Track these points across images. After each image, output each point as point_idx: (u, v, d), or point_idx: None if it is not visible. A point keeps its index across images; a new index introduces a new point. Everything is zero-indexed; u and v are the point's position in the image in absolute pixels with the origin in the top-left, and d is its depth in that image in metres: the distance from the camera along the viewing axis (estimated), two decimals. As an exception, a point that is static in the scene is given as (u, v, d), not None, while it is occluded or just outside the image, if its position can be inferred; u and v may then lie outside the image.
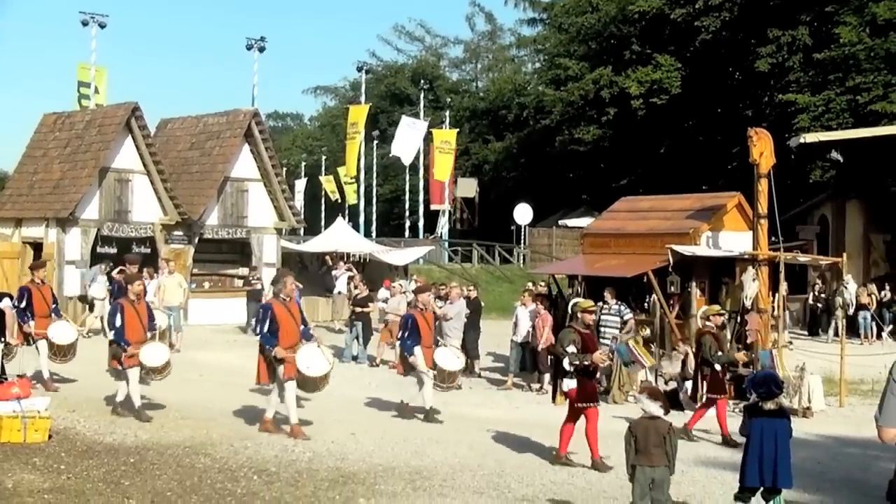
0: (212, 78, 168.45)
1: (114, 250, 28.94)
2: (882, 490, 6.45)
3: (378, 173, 73.41)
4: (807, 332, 30.22)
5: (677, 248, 19.05)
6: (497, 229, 59.71)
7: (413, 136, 54.45)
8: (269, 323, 13.35)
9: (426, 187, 60.45)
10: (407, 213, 66.46)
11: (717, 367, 14.63)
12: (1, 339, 15.60)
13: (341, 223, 39.04)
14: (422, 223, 60.14)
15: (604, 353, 13.35)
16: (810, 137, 32.61)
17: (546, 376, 19.50)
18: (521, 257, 53.56)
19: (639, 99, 50.33)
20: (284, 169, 56.16)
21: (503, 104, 70.77)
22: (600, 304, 19.76)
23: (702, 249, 19.56)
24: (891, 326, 30.82)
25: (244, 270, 31.78)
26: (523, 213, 55.49)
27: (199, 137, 33.30)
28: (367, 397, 17.59)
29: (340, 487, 10.92)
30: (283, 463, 12.04)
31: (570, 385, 12.44)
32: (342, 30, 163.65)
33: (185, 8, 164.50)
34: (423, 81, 69.88)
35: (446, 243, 55.49)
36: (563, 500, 10.86)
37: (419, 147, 55.80)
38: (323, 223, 68.87)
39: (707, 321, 15.00)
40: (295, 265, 34.20)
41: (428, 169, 58.52)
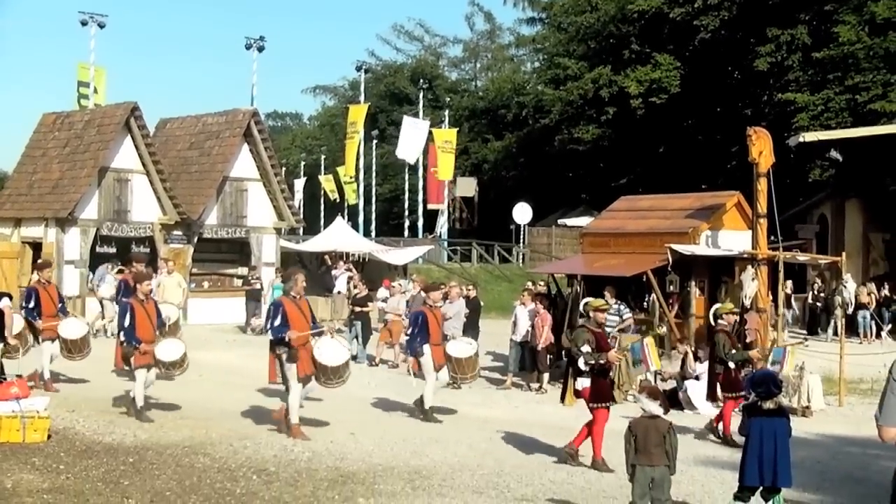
0: (211, 77, 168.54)
1: (113, 250, 28.97)
2: (882, 489, 6.44)
3: (377, 173, 73.37)
4: (806, 332, 30.21)
5: (676, 247, 19.05)
6: (496, 229, 59.70)
7: (416, 136, 54.51)
8: (281, 320, 13.39)
9: (425, 187, 60.44)
10: (406, 213, 66.41)
11: (732, 365, 14.47)
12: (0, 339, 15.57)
13: (340, 223, 39.03)
14: (421, 223, 60.11)
15: (619, 351, 13.25)
16: (809, 136, 32.62)
17: (545, 376, 19.52)
18: (521, 257, 53.55)
19: (638, 98, 50.31)
20: (283, 168, 56.16)
21: (502, 103, 70.73)
22: (600, 303, 19.80)
23: (701, 249, 19.55)
24: (890, 325, 30.81)
25: (243, 270, 31.76)
26: (522, 213, 55.48)
27: (199, 137, 33.30)
28: (365, 397, 17.58)
29: (340, 487, 10.91)
30: (282, 463, 12.03)
31: (584, 384, 12.34)
32: (341, 29, 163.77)
33: (184, 7, 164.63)
34: (422, 81, 69.82)
35: (445, 243, 55.48)
36: (562, 500, 10.85)
37: (422, 147, 55.81)
38: (322, 223, 68.77)
39: (720, 319, 14.86)
40: (294, 265, 34.16)
41: (427, 168, 58.48)
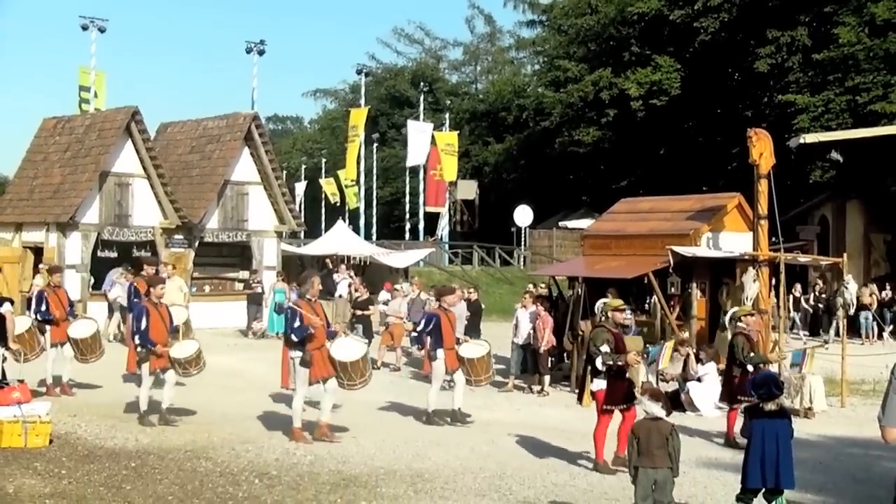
0: (211, 81, 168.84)
1: (114, 254, 28.97)
2: (885, 489, 6.44)
3: (378, 176, 73.39)
4: (808, 333, 30.21)
5: (678, 249, 19.03)
6: (497, 231, 59.70)
7: (422, 140, 54.60)
8: (300, 321, 13.39)
9: (425, 190, 60.46)
10: (407, 216, 66.43)
11: (750, 368, 14.15)
12: (1, 344, 15.56)
13: (341, 226, 39.02)
14: (422, 225, 60.11)
15: (637, 353, 13.16)
16: (810, 138, 32.59)
17: (547, 378, 19.51)
18: (522, 259, 53.53)
19: (638, 100, 50.31)
20: (284, 172, 56.13)
21: (503, 106, 70.75)
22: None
23: (702, 250, 19.54)
24: (892, 326, 30.81)
25: (244, 274, 31.74)
26: (523, 215, 55.47)
27: (199, 141, 33.28)
28: (366, 400, 17.55)
29: (342, 491, 10.91)
30: (284, 466, 12.03)
31: (599, 385, 12.23)
32: (341, 33, 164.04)
33: (185, 11, 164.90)
34: (422, 84, 69.87)
35: (446, 245, 55.48)
36: (565, 503, 10.84)
37: (428, 150, 55.82)
38: (323, 226, 68.84)
39: (739, 322, 14.68)
40: (295, 268, 34.15)
41: (427, 171, 58.49)
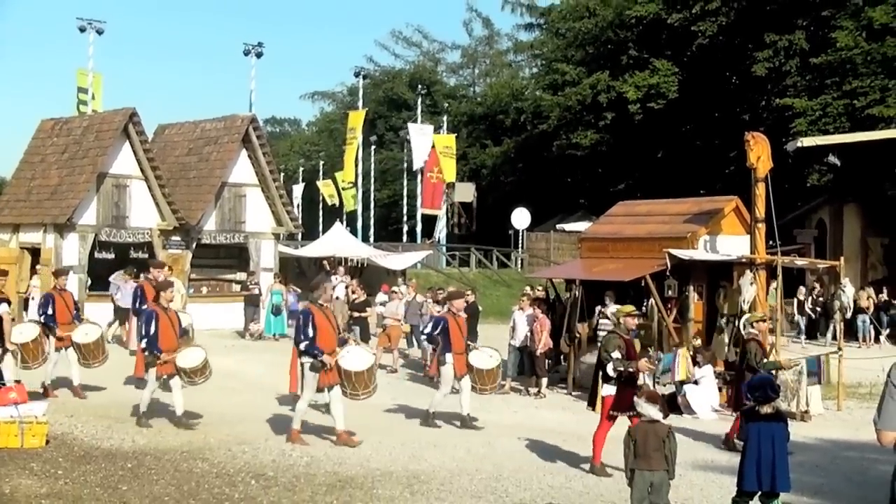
0: (209, 83, 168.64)
1: (111, 256, 28.96)
2: (881, 492, 6.43)
3: (376, 178, 73.41)
4: (805, 336, 30.22)
5: (675, 252, 19.02)
6: (495, 234, 59.72)
7: (425, 142, 54.62)
8: (312, 330, 13.21)
9: (423, 192, 60.46)
10: (405, 218, 66.40)
11: (762, 373, 13.92)
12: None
13: (339, 228, 39.01)
14: (419, 228, 60.10)
15: (649, 359, 13.08)
16: (807, 141, 32.66)
17: (544, 380, 19.51)
18: (519, 262, 53.59)
19: (636, 104, 50.40)
20: (282, 174, 56.20)
21: (501, 109, 70.81)
22: (598, 308, 19.80)
23: (699, 253, 19.53)
24: (888, 330, 30.83)
25: (242, 275, 31.73)
26: (521, 218, 55.48)
27: (197, 143, 33.28)
28: (363, 402, 17.52)
29: (338, 492, 10.91)
30: (280, 468, 12.03)
31: (609, 391, 12.12)
32: (340, 35, 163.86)
33: (183, 14, 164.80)
34: (420, 87, 69.89)
35: (444, 248, 55.49)
36: (561, 505, 10.85)
37: (428, 151, 55.79)
38: (321, 228, 68.79)
39: (751, 328, 14.62)
40: (293, 270, 34.20)
41: (424, 173, 58.47)
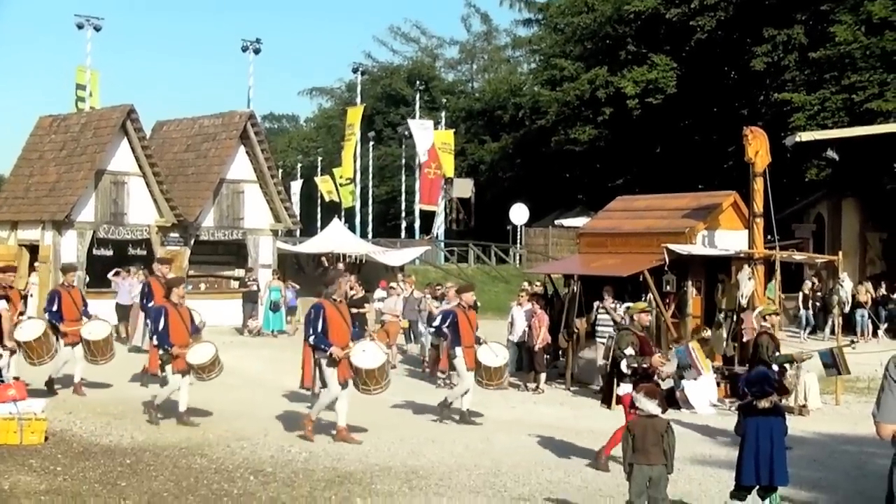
0: (207, 80, 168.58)
1: (110, 252, 28.95)
2: (879, 486, 6.45)
3: (374, 174, 73.33)
4: (808, 330, 30.23)
5: (673, 247, 19.04)
6: (493, 229, 59.68)
7: (426, 137, 54.59)
8: (322, 324, 13.23)
9: (420, 188, 60.45)
10: (403, 214, 66.36)
11: (775, 368, 13.82)
12: None
13: (337, 224, 38.96)
14: (418, 224, 60.05)
15: (663, 355, 12.93)
16: (806, 136, 32.68)
17: (542, 376, 19.54)
18: (518, 257, 53.61)
19: (634, 99, 50.36)
20: (280, 170, 56.04)
21: (499, 105, 70.76)
22: (596, 303, 19.81)
23: (698, 248, 19.54)
24: (886, 324, 30.85)
25: (240, 272, 31.74)
26: (519, 213, 55.48)
27: (195, 139, 33.26)
28: (362, 397, 17.54)
29: (337, 487, 10.92)
30: (279, 463, 12.04)
31: (626, 390, 11.90)
32: (337, 31, 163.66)
33: (180, 10, 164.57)
34: (418, 82, 69.81)
35: (442, 244, 55.50)
36: (559, 499, 10.86)
37: (429, 146, 55.72)
38: (319, 224, 68.68)
39: (763, 321, 14.57)
40: (291, 266, 34.19)
41: (422, 169, 58.44)
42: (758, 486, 10.04)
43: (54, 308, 16.54)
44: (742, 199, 20.16)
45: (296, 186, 78.42)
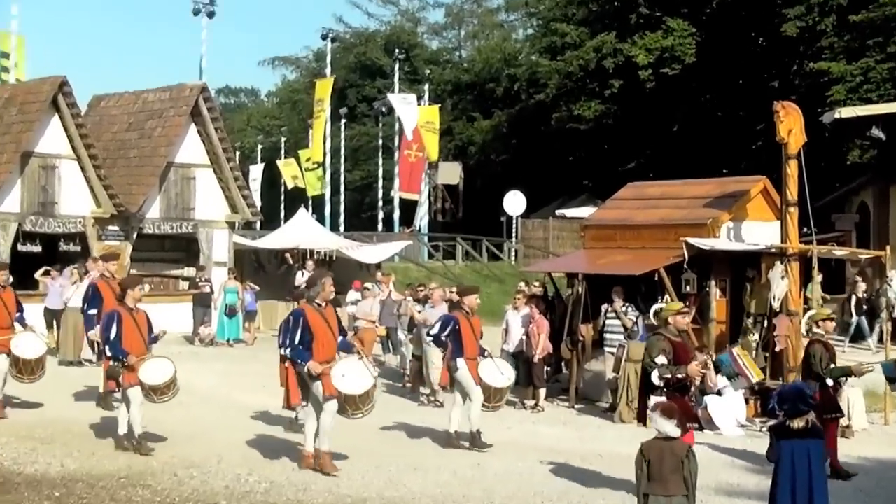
0: (152, 48, 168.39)
1: (38, 248, 28.78)
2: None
3: (346, 157, 73.35)
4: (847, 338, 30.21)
5: (693, 241, 19.00)
6: (484, 221, 59.71)
7: (409, 113, 54.50)
8: (302, 333, 12.98)
9: (399, 173, 60.42)
10: (380, 203, 66.34)
11: (830, 382, 13.78)
12: None
13: (304, 215, 38.90)
14: (397, 214, 60.07)
15: (700, 363, 12.80)
16: (846, 112, 32.63)
17: (542, 391, 19.47)
18: (513, 253, 53.64)
19: (647, 69, 50.38)
20: (238, 153, 56.06)
21: (491, 77, 70.83)
22: (604, 307, 19.76)
23: (722, 242, 19.52)
24: (941, 330, 30.82)
25: (190, 271, 31.70)
26: (515, 203, 55.50)
27: (138, 117, 33.23)
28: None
29: (302, 524, 10.83)
30: (234, 496, 11.95)
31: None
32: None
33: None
34: (397, 51, 69.73)
35: (426, 238, 55.50)
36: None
37: (414, 125, 55.54)
38: (283, 215, 68.75)
39: (816, 327, 14.41)
40: (250, 265, 34.10)
41: (401, 151, 58.39)
42: (794, 520, 9.97)
43: None
44: (773, 186, 20.14)
45: (256, 171, 78.49)
